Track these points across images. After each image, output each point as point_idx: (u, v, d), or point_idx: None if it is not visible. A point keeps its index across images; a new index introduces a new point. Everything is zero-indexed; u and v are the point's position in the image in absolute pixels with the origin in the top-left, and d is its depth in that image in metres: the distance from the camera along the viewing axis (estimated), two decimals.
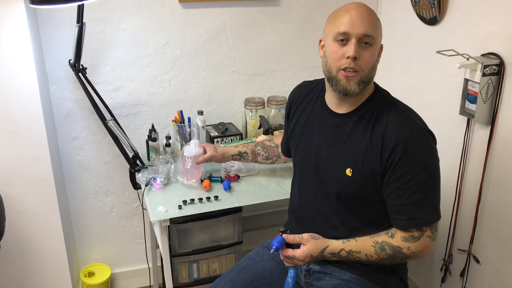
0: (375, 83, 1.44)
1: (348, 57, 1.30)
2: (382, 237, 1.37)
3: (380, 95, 1.42)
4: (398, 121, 1.34)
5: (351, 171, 1.38)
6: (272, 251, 1.38)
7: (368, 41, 1.30)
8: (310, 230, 1.44)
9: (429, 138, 1.34)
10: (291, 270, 1.43)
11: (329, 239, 1.40)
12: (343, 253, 1.38)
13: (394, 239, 1.36)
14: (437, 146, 1.37)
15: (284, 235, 1.40)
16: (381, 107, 1.38)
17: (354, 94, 1.35)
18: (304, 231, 1.43)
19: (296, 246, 1.40)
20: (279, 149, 1.86)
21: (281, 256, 1.42)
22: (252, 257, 1.63)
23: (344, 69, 1.32)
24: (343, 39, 1.31)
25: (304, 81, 1.66)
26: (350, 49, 1.30)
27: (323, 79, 1.49)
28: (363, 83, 1.34)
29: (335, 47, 1.33)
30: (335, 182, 1.42)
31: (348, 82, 1.34)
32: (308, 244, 1.38)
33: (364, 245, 1.37)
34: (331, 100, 1.45)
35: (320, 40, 1.43)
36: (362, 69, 1.32)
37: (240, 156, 1.88)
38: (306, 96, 1.57)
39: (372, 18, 1.31)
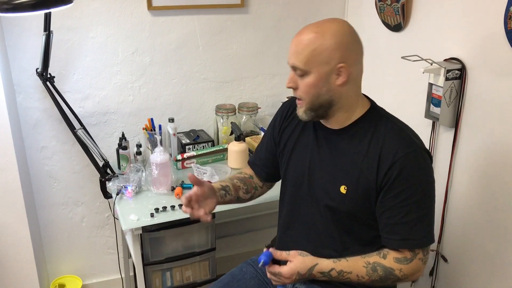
0: (371, 100, 1.41)
1: None
2: (374, 258, 1.33)
3: (376, 111, 1.38)
4: (396, 139, 1.30)
5: (345, 188, 1.35)
6: (260, 265, 1.34)
7: (298, 73, 1.29)
8: (301, 247, 1.40)
9: (426, 158, 1.31)
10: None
11: (319, 258, 1.35)
12: (334, 273, 1.33)
13: (387, 260, 1.32)
14: None
15: (271, 250, 1.36)
16: (377, 124, 1.34)
17: (306, 120, 1.37)
18: (296, 249, 1.39)
19: (284, 263, 1.35)
20: (255, 179, 1.66)
21: (267, 273, 1.38)
22: (234, 274, 1.59)
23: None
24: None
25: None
26: (287, 79, 1.33)
27: None
28: (310, 111, 1.33)
29: None
30: (328, 199, 1.38)
31: (298, 110, 1.36)
32: (295, 261, 1.34)
33: (355, 265, 1.32)
34: None
35: None
36: (303, 98, 1.32)
37: (224, 191, 1.54)
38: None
39: (302, 49, 1.26)
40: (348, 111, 1.35)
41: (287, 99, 1.67)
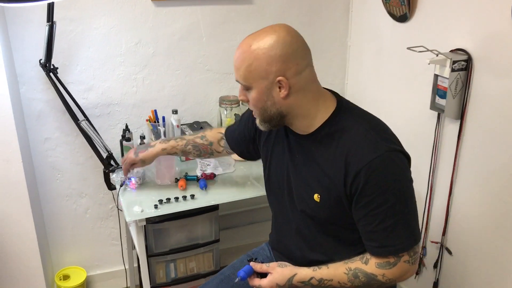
0: (336, 95, 1.34)
1: None
2: (355, 263, 1.29)
3: (342, 111, 1.29)
4: (360, 144, 1.22)
5: (319, 196, 1.31)
6: (236, 280, 1.35)
7: (243, 87, 1.28)
8: (292, 253, 1.42)
9: (396, 159, 1.22)
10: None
11: (298, 267, 1.34)
12: (314, 281, 1.30)
13: (368, 265, 1.28)
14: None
15: (251, 263, 1.37)
16: (343, 126, 1.27)
17: (265, 130, 1.37)
18: (287, 252, 1.41)
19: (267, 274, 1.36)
20: (214, 146, 1.74)
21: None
22: (235, 266, 1.60)
23: None
24: None
25: None
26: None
27: None
28: (263, 122, 1.31)
29: None
30: (305, 207, 1.36)
31: (256, 120, 1.35)
32: (274, 273, 1.33)
33: (336, 272, 1.29)
34: None
35: None
36: (254, 111, 1.31)
37: (167, 154, 1.77)
38: None
39: (240, 63, 1.24)
40: (306, 118, 1.29)
41: None
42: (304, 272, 1.32)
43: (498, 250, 1.74)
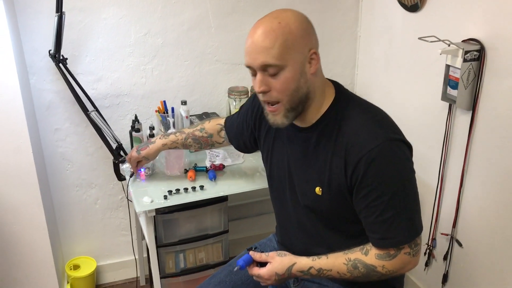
0: (336, 86, 1.31)
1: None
2: (355, 254, 1.27)
3: (341, 100, 1.27)
4: (360, 134, 1.20)
5: (320, 189, 1.29)
6: (236, 269, 1.35)
7: (271, 71, 1.18)
8: (296, 246, 1.43)
9: (396, 149, 1.19)
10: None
11: (298, 256, 1.32)
12: (313, 271, 1.29)
13: (368, 256, 1.26)
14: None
15: (250, 252, 1.36)
16: (342, 116, 1.24)
17: (287, 125, 1.26)
18: (291, 245, 1.41)
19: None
20: (214, 138, 1.73)
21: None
22: None
23: (267, 103, 1.24)
24: (252, 71, 1.22)
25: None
26: (255, 84, 1.21)
27: None
28: (291, 112, 1.23)
29: (252, 79, 1.23)
30: (307, 200, 1.34)
31: (274, 117, 1.25)
32: (273, 262, 1.31)
33: (335, 262, 1.27)
34: None
35: None
36: (280, 99, 1.21)
37: (169, 149, 1.78)
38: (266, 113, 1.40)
39: (269, 42, 1.15)
40: (317, 103, 1.27)
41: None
42: (304, 262, 1.30)
43: (508, 242, 1.73)
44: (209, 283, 1.54)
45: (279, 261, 1.32)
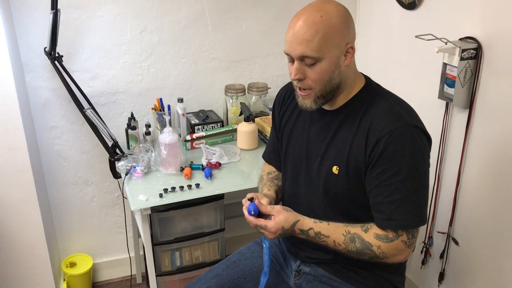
0: (366, 76, 1.38)
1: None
2: (355, 229, 1.30)
3: (370, 89, 1.34)
4: (384, 115, 1.26)
5: (337, 168, 1.32)
6: (250, 213, 1.31)
7: (308, 62, 1.23)
8: None
9: (417, 135, 1.24)
10: (265, 242, 1.37)
11: (301, 215, 1.34)
12: (312, 232, 1.31)
13: (367, 234, 1.29)
14: None
15: (256, 202, 1.33)
16: (370, 101, 1.30)
17: (314, 109, 1.31)
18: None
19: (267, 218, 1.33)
20: (276, 172, 1.64)
21: (251, 224, 1.34)
22: (242, 252, 1.60)
23: (299, 88, 1.30)
24: (289, 58, 1.27)
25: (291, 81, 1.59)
26: (292, 70, 1.27)
27: None
28: (320, 98, 1.28)
29: (289, 64, 1.30)
30: (322, 180, 1.36)
31: (304, 100, 1.31)
32: (280, 216, 1.31)
33: (335, 231, 1.30)
34: None
35: None
36: (313, 87, 1.27)
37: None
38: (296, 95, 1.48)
39: (310, 35, 1.20)
40: (347, 91, 1.33)
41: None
42: (306, 221, 1.32)
43: (505, 241, 1.73)
44: (206, 276, 1.55)
45: (286, 215, 1.31)
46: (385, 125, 1.24)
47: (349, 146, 1.30)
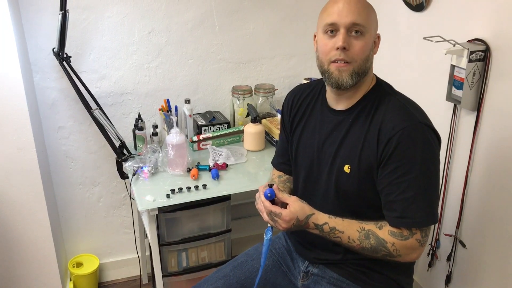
0: (376, 76, 1.40)
1: (338, 48, 1.26)
2: (370, 226, 1.30)
3: (381, 88, 1.36)
4: (395, 114, 1.28)
5: (349, 167, 1.33)
6: (268, 194, 1.29)
7: (358, 29, 1.26)
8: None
9: (428, 133, 1.26)
10: (267, 233, 1.34)
11: (316, 210, 1.32)
12: (326, 227, 1.29)
13: (382, 230, 1.29)
14: None
15: (274, 187, 1.31)
16: (380, 100, 1.33)
17: (348, 87, 1.30)
18: (307, 233, 1.34)
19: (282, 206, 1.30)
20: (285, 175, 1.64)
21: (264, 210, 1.32)
22: (249, 253, 1.60)
23: (335, 61, 1.28)
24: (332, 30, 1.27)
25: (300, 84, 1.60)
26: (338, 39, 1.26)
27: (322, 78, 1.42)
28: (356, 75, 1.29)
29: (325, 40, 1.29)
30: (334, 180, 1.37)
31: (340, 74, 1.29)
32: (295, 206, 1.28)
33: (349, 226, 1.29)
34: (330, 96, 1.41)
35: (314, 35, 1.39)
36: (354, 60, 1.28)
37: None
38: (306, 97, 1.51)
39: (361, 6, 1.27)
40: (364, 85, 1.36)
41: (302, 83, 1.63)
42: (321, 216, 1.31)
43: None
44: (213, 277, 1.55)
45: (301, 206, 1.29)
46: (396, 123, 1.26)
47: (361, 145, 1.31)
